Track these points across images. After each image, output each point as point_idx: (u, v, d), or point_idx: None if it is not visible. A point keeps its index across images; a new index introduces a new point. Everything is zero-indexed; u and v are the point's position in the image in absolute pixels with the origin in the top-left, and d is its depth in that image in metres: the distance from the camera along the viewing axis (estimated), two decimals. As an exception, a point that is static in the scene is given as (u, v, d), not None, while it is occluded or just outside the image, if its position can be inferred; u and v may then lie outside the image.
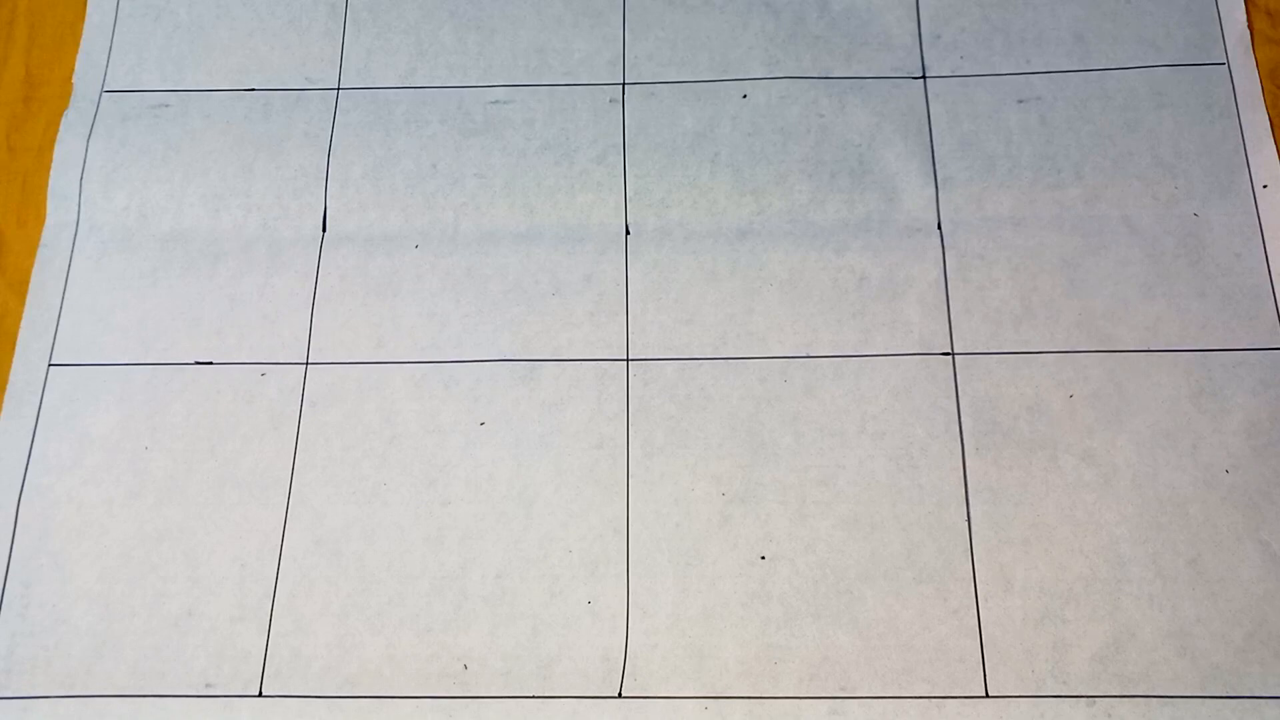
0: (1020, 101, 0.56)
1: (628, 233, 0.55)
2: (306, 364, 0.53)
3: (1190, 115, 0.56)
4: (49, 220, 0.56)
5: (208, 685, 0.48)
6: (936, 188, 0.55)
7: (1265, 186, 0.54)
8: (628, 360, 0.52)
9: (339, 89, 0.59)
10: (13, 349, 0.54)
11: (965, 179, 0.55)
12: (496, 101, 0.58)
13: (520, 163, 0.56)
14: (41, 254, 0.56)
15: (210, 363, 0.53)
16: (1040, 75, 0.57)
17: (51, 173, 0.57)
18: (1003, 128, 0.56)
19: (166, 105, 0.58)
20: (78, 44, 0.60)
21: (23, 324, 0.54)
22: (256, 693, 0.47)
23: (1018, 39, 0.58)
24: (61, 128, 0.58)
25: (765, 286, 0.53)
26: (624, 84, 0.58)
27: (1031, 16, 0.58)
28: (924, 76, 0.57)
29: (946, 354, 0.52)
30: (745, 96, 0.57)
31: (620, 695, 0.47)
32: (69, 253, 0.56)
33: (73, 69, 0.60)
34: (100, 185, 0.57)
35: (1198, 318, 0.52)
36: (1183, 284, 0.52)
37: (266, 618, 0.49)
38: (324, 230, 0.56)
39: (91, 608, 0.49)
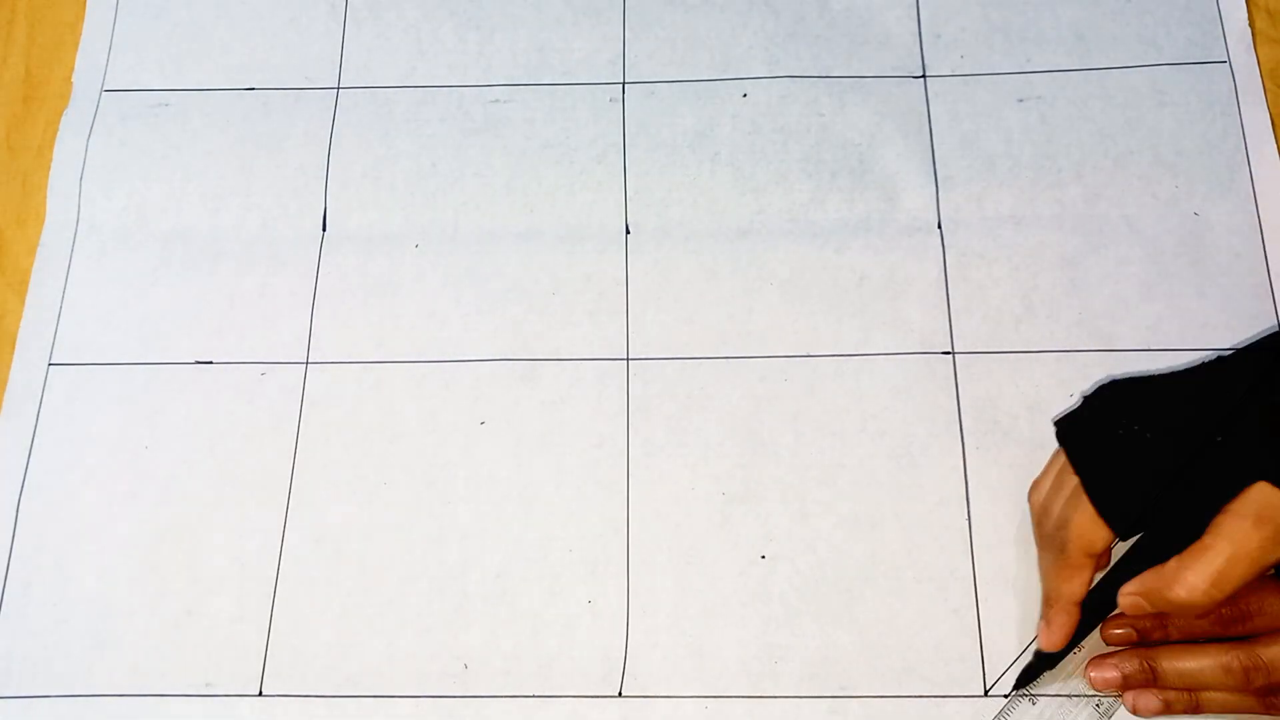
0: (1020, 100, 0.56)
1: (628, 232, 0.55)
2: (306, 364, 0.53)
3: (1191, 114, 0.56)
4: (49, 220, 0.56)
5: (208, 685, 0.48)
6: (936, 187, 0.55)
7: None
8: (628, 360, 0.52)
9: (339, 88, 0.59)
10: (13, 349, 0.54)
11: (965, 178, 0.55)
12: (496, 101, 0.58)
13: (520, 162, 0.56)
14: (41, 254, 0.56)
15: (210, 362, 0.53)
16: (1041, 74, 0.57)
17: (51, 172, 0.57)
18: (1003, 127, 0.56)
19: (166, 105, 0.58)
20: (78, 43, 0.60)
21: (23, 324, 0.54)
22: (256, 692, 0.48)
23: (1018, 38, 0.58)
24: (61, 127, 0.58)
25: (765, 286, 0.53)
26: (624, 83, 0.58)
27: (1032, 15, 0.58)
28: (924, 76, 0.57)
29: (947, 353, 0.52)
30: (745, 95, 0.57)
31: (620, 695, 0.47)
32: (69, 252, 0.56)
33: (73, 68, 0.60)
34: (100, 185, 0.57)
35: (1198, 317, 0.52)
36: (1183, 284, 0.52)
37: (266, 618, 0.49)
38: (324, 230, 0.56)
39: (91, 608, 0.49)
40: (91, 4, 0.61)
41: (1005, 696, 0.46)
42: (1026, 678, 0.46)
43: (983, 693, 0.46)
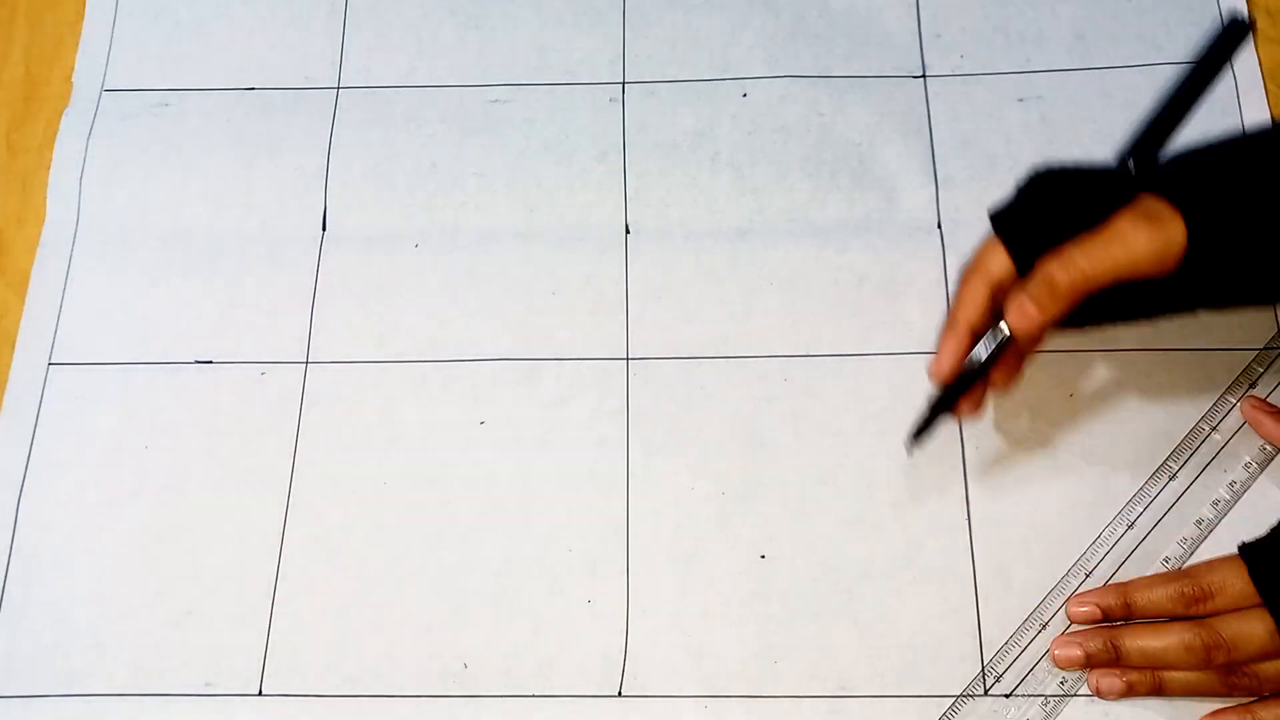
0: (1021, 100, 0.56)
1: (628, 232, 0.55)
2: (306, 363, 0.53)
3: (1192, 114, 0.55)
4: (49, 219, 0.56)
5: (208, 685, 0.48)
6: (936, 186, 0.55)
7: None
8: (628, 359, 0.52)
9: (339, 88, 0.59)
10: (13, 349, 0.54)
11: (965, 178, 0.55)
12: (496, 101, 0.58)
13: (520, 162, 0.56)
14: (41, 253, 0.56)
15: (210, 362, 0.53)
16: (1041, 74, 0.57)
17: (51, 172, 0.57)
18: (1003, 126, 0.56)
19: (166, 104, 0.58)
20: (78, 43, 0.60)
21: (23, 324, 0.54)
22: (256, 692, 0.48)
23: (1018, 37, 0.58)
24: (61, 127, 0.58)
25: (765, 286, 0.53)
26: (624, 83, 0.58)
27: (1032, 15, 0.58)
28: (924, 75, 0.57)
29: (947, 353, 0.52)
30: (745, 95, 0.57)
31: (620, 694, 0.47)
32: (69, 252, 0.56)
33: (73, 68, 0.60)
34: (100, 184, 0.57)
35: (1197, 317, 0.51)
36: (1183, 283, 0.52)
37: (266, 617, 0.49)
38: (324, 229, 0.56)
39: (91, 607, 0.49)
40: (91, 4, 0.61)
41: (1009, 696, 0.46)
42: (922, 429, 0.47)
43: (983, 692, 0.46)
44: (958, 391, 0.45)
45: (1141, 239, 0.40)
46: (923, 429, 0.47)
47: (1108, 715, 0.46)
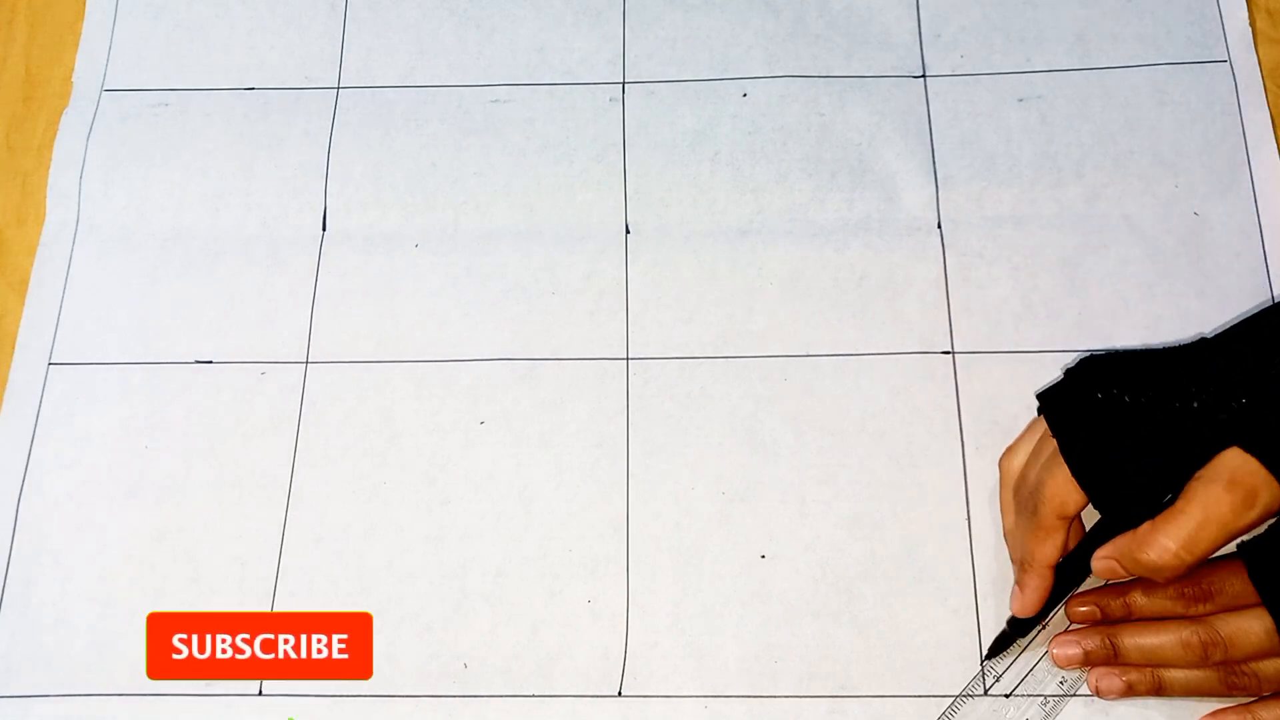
0: (1020, 100, 0.56)
1: (628, 232, 0.55)
2: (306, 363, 0.53)
3: (1191, 114, 0.55)
4: (49, 219, 0.56)
5: (208, 684, 0.48)
6: (936, 186, 0.55)
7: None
8: (627, 359, 0.52)
9: (339, 88, 0.59)
10: (13, 349, 0.54)
11: (965, 178, 0.55)
12: (496, 100, 0.58)
13: (520, 162, 0.56)
14: (41, 253, 0.56)
15: (210, 362, 0.53)
16: (1041, 74, 0.57)
17: (51, 171, 0.57)
18: (1003, 126, 0.56)
19: (166, 104, 0.58)
20: (77, 43, 0.60)
21: (23, 323, 0.54)
22: (257, 692, 0.48)
23: (1018, 38, 0.58)
24: (61, 127, 0.58)
25: (765, 285, 0.53)
26: (624, 83, 0.58)
27: (1032, 15, 0.58)
28: (924, 75, 0.57)
29: (947, 353, 0.52)
30: (745, 95, 0.57)
31: (620, 694, 0.47)
32: (69, 252, 0.56)
33: (73, 68, 0.60)
34: (100, 184, 0.57)
35: (1198, 317, 0.51)
36: (1183, 283, 0.52)
37: (266, 617, 0.49)
38: (324, 229, 0.56)
39: (91, 607, 0.49)
40: (91, 4, 0.61)
41: (1008, 696, 0.46)
42: (999, 647, 0.46)
43: (983, 692, 0.46)
44: (1036, 620, 0.46)
45: (1242, 521, 0.40)
46: (999, 648, 0.47)
47: (1108, 715, 0.46)
